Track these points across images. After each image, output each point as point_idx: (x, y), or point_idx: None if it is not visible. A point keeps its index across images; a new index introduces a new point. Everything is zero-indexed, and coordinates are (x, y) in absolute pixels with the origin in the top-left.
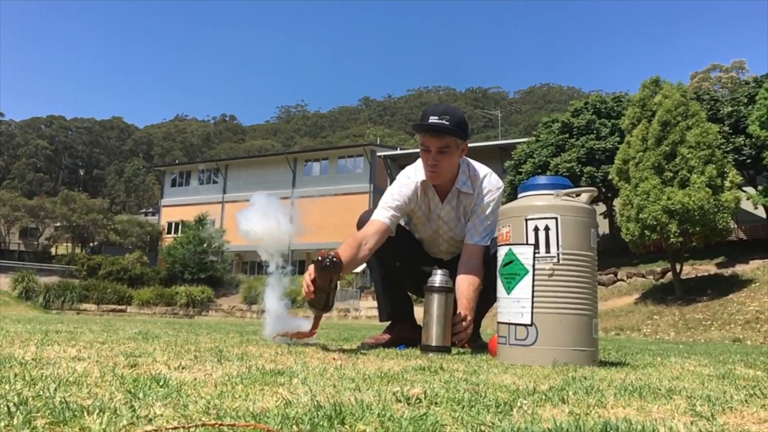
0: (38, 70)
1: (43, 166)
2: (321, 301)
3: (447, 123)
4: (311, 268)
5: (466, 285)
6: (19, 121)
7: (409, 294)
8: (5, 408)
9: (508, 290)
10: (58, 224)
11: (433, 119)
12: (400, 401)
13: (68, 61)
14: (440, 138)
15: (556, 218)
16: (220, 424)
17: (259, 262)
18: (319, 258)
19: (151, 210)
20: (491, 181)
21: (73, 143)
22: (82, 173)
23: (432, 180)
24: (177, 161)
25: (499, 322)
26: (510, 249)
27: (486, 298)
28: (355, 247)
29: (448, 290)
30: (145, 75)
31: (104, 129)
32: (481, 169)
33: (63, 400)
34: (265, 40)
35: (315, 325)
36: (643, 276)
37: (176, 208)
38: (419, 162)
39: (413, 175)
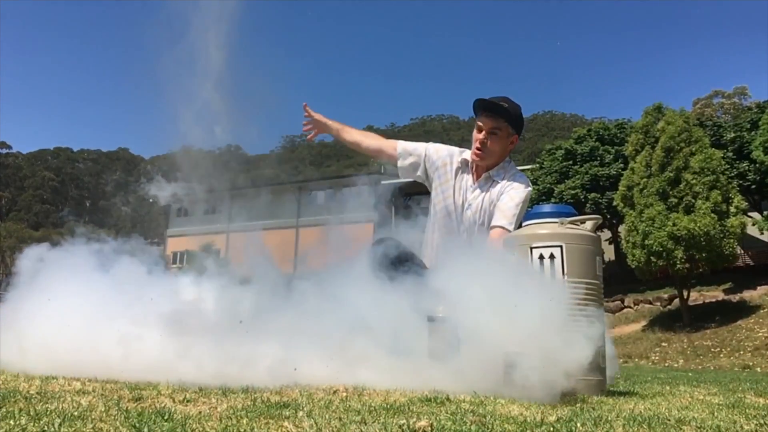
0: (46, 103)
1: (49, 197)
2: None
3: (506, 107)
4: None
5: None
6: (26, 153)
7: None
8: None
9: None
10: None
11: (493, 100)
12: None
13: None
14: (494, 119)
15: (561, 246)
16: None
17: None
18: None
19: (156, 240)
20: (523, 178)
21: (80, 174)
22: (88, 204)
23: (475, 158)
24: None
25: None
26: None
27: None
28: (355, 130)
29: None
30: (151, 105)
31: (110, 160)
32: (518, 172)
33: None
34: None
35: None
36: (650, 303)
37: (181, 239)
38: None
39: (459, 149)
